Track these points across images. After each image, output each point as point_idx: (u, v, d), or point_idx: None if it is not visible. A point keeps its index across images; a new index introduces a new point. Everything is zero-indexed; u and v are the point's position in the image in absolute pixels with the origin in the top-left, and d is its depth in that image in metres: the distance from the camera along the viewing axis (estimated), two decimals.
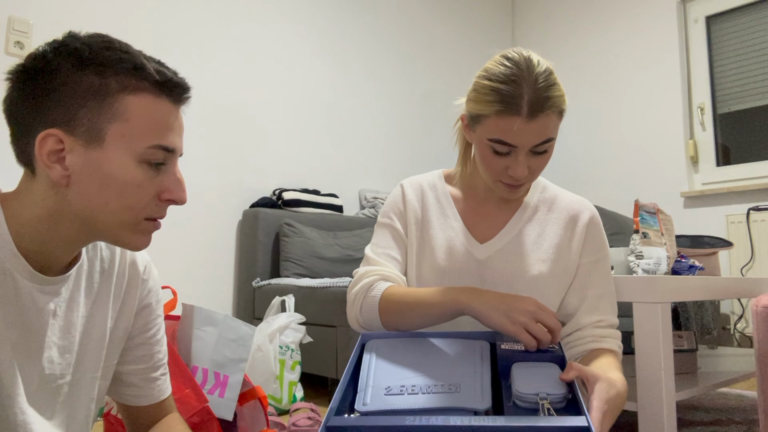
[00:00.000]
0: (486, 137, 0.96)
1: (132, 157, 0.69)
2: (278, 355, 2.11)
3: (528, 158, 0.97)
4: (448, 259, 1.07)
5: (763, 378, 1.16)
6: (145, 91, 0.70)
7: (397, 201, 1.16)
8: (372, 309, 1.00)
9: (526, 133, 0.93)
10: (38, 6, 2.41)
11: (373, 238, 1.15)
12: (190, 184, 2.81)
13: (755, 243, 3.21)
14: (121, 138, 0.69)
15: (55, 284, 0.74)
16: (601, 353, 1.01)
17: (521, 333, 0.84)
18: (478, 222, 1.11)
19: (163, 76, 0.71)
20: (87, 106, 0.67)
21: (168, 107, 0.72)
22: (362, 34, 3.70)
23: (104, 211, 0.70)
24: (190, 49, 2.88)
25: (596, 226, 1.12)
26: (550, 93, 0.94)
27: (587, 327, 1.07)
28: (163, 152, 0.71)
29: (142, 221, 0.73)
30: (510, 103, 0.92)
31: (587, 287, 1.09)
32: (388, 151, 3.73)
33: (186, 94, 0.74)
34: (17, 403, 0.70)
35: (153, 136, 0.70)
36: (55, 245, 0.72)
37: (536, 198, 1.14)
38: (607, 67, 4.06)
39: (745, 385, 2.52)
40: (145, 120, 0.70)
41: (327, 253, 2.90)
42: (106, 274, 0.83)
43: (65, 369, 0.77)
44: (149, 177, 0.71)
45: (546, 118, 0.93)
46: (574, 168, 4.13)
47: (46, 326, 0.73)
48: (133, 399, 0.90)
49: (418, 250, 1.11)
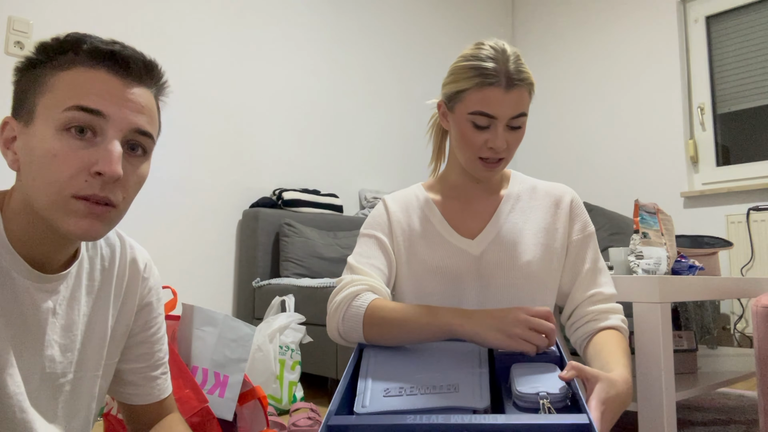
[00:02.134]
0: (466, 112, 1.03)
1: (51, 126, 0.66)
2: (278, 355, 2.11)
3: (505, 132, 1.03)
4: (443, 261, 1.09)
5: (763, 378, 1.16)
6: (79, 65, 0.68)
7: (380, 215, 1.17)
8: (355, 319, 0.98)
9: (504, 104, 1.00)
10: (38, 6, 2.41)
11: (356, 248, 1.14)
12: (191, 184, 2.81)
13: (755, 243, 3.21)
14: (45, 109, 0.67)
15: (53, 282, 0.73)
16: (605, 337, 1.01)
17: (521, 345, 0.85)
18: (464, 220, 1.13)
19: (98, 49, 0.68)
20: (29, 91, 0.69)
21: (103, 76, 0.68)
22: (362, 35, 3.70)
23: (34, 191, 0.66)
24: (190, 49, 2.88)
25: (579, 206, 1.17)
26: (523, 69, 1.02)
27: (584, 303, 1.09)
28: (83, 114, 0.65)
29: (69, 200, 0.65)
30: (490, 75, 1.00)
31: (578, 264, 1.12)
32: (388, 151, 3.73)
33: (131, 65, 0.70)
34: (17, 402, 0.70)
35: (70, 98, 0.66)
36: (40, 240, 0.71)
37: (517, 188, 1.17)
38: (607, 67, 4.06)
39: (745, 385, 2.52)
40: (70, 87, 0.66)
41: (327, 253, 2.90)
42: (107, 272, 0.83)
43: (67, 367, 0.77)
44: (72, 147, 0.65)
45: (521, 92, 1.01)
46: (574, 168, 4.13)
47: (45, 324, 0.73)
48: (134, 398, 0.90)
49: (408, 259, 1.12)
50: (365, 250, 1.12)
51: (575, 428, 0.63)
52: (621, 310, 1.09)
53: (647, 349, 1.30)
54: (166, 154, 2.74)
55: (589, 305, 1.08)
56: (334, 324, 1.01)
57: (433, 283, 1.09)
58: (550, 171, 4.24)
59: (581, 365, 0.80)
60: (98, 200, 0.66)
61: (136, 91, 0.70)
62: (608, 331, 1.04)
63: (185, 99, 2.84)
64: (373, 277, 1.06)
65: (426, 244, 1.11)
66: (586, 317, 1.08)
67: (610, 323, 1.05)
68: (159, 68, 0.74)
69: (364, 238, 1.15)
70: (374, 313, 0.97)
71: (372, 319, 0.96)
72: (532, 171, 4.33)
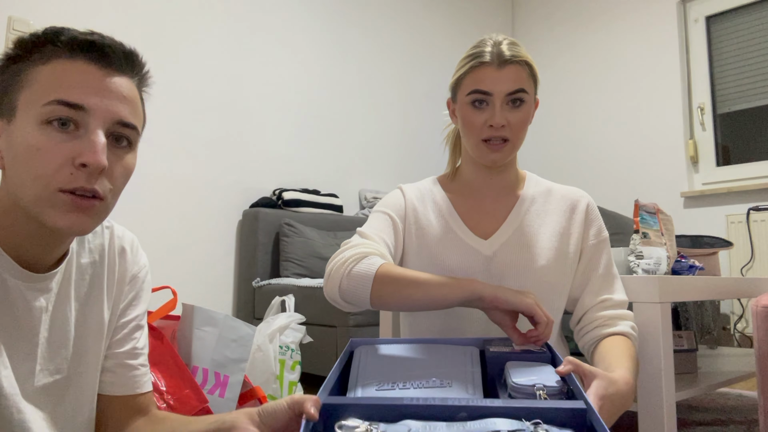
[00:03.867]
0: (465, 95, 1.06)
1: (33, 120, 0.65)
2: (278, 355, 2.11)
3: (504, 110, 1.04)
4: (453, 258, 1.07)
5: (763, 378, 1.16)
6: (58, 57, 0.67)
7: (398, 199, 1.15)
8: (363, 277, 0.92)
9: (498, 80, 1.02)
10: (38, 6, 2.41)
11: (368, 222, 1.11)
12: (191, 184, 2.81)
13: (755, 243, 3.21)
14: (26, 104, 0.66)
15: (45, 281, 0.73)
16: (612, 342, 1.00)
17: (533, 308, 0.84)
18: (480, 219, 1.12)
19: (76, 39, 0.67)
20: (10, 87, 0.68)
21: (82, 67, 0.67)
22: (362, 35, 3.69)
23: (20, 187, 0.65)
24: (189, 48, 2.88)
25: (594, 211, 1.15)
26: (514, 48, 1.05)
27: (593, 308, 1.08)
28: (64, 108, 0.65)
29: (56, 193, 0.65)
30: (479, 56, 1.04)
31: (591, 269, 1.11)
32: (388, 151, 3.73)
33: (111, 54, 0.69)
34: (14, 403, 0.69)
35: (50, 92, 0.65)
36: (29, 240, 0.70)
37: (532, 190, 1.16)
38: (607, 67, 4.06)
39: (745, 385, 2.51)
40: (50, 80, 0.66)
41: (327, 253, 2.90)
42: (97, 265, 0.81)
43: (61, 364, 0.76)
44: (55, 140, 0.64)
45: (515, 68, 1.03)
46: (574, 168, 4.13)
47: (38, 323, 0.72)
48: (108, 386, 0.84)
49: (419, 251, 1.10)
50: (377, 224, 1.09)
51: (572, 413, 0.61)
52: (631, 317, 1.08)
53: (647, 349, 1.30)
54: (166, 154, 2.74)
55: (599, 310, 1.07)
56: (334, 283, 0.95)
57: None
58: (550, 171, 4.24)
59: (579, 361, 0.78)
60: (85, 192, 0.65)
61: (117, 80, 0.69)
62: (616, 337, 1.02)
63: (185, 99, 2.84)
64: (383, 249, 1.02)
65: (438, 240, 1.09)
66: (595, 322, 1.06)
67: (619, 329, 1.04)
68: (140, 57, 0.73)
69: (377, 213, 1.12)
70: (388, 272, 0.92)
71: (384, 277, 0.91)
72: (532, 171, 4.33)
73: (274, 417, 0.67)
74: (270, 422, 0.68)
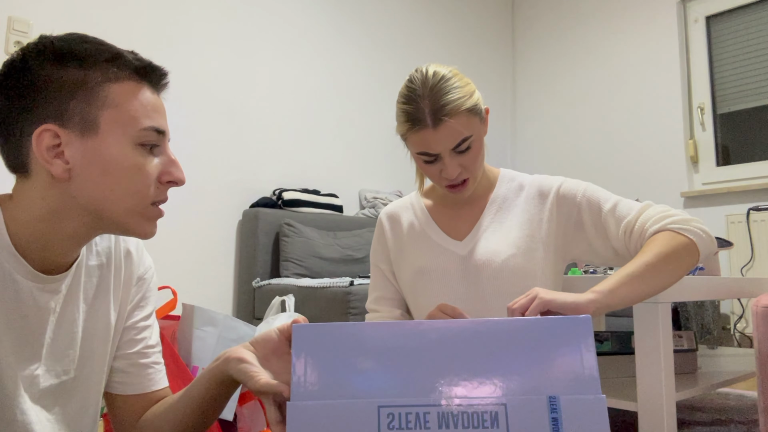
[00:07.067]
0: (414, 152, 1.07)
1: (128, 141, 0.71)
2: None
3: (455, 158, 1.04)
4: (431, 260, 1.15)
5: (763, 378, 1.16)
6: (127, 78, 0.72)
7: (377, 238, 1.27)
8: None
9: (438, 141, 1.02)
10: (38, 6, 2.41)
11: (370, 281, 1.27)
12: (191, 184, 2.81)
13: (755, 243, 3.21)
14: (114, 124, 0.70)
15: (56, 282, 0.74)
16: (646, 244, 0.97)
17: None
18: (455, 224, 1.18)
19: (141, 63, 0.73)
20: (76, 98, 0.68)
21: (149, 92, 0.74)
22: (362, 34, 3.70)
23: (110, 199, 0.71)
24: (190, 48, 2.88)
25: (567, 188, 1.14)
26: (447, 99, 1.01)
27: (626, 227, 1.05)
28: (155, 134, 0.73)
29: (149, 207, 0.74)
30: (415, 119, 1.02)
31: (597, 217, 1.10)
32: (388, 151, 3.72)
33: (164, 79, 0.77)
34: (18, 404, 0.70)
35: (144, 118, 0.72)
36: (58, 244, 0.72)
37: (504, 189, 1.20)
38: (607, 67, 4.06)
39: (745, 385, 2.51)
40: (134, 105, 0.72)
41: (327, 253, 2.90)
42: (105, 267, 0.83)
43: (68, 365, 0.77)
44: (149, 161, 0.73)
45: (452, 122, 1.01)
46: (574, 168, 4.13)
47: (45, 324, 0.73)
48: (120, 386, 0.85)
49: (401, 265, 1.20)
50: (374, 281, 1.26)
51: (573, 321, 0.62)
52: (659, 212, 1.04)
53: (647, 349, 1.30)
54: None
55: (633, 224, 1.05)
56: None
57: (422, 282, 1.14)
58: (550, 171, 4.23)
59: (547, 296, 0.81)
60: (163, 203, 0.76)
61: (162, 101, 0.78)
62: (655, 235, 0.99)
63: (185, 99, 2.84)
64: (383, 312, 1.20)
65: (415, 247, 1.18)
66: (649, 222, 1.03)
67: (659, 227, 1.00)
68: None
69: (372, 268, 1.27)
70: None
71: None
72: (532, 171, 4.33)
73: (265, 342, 0.74)
74: (261, 347, 0.73)
